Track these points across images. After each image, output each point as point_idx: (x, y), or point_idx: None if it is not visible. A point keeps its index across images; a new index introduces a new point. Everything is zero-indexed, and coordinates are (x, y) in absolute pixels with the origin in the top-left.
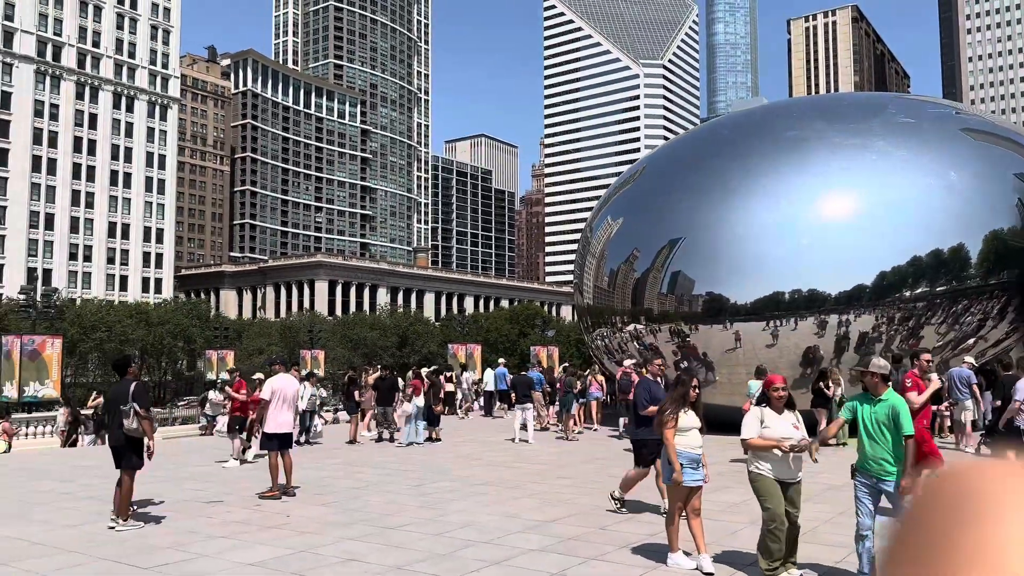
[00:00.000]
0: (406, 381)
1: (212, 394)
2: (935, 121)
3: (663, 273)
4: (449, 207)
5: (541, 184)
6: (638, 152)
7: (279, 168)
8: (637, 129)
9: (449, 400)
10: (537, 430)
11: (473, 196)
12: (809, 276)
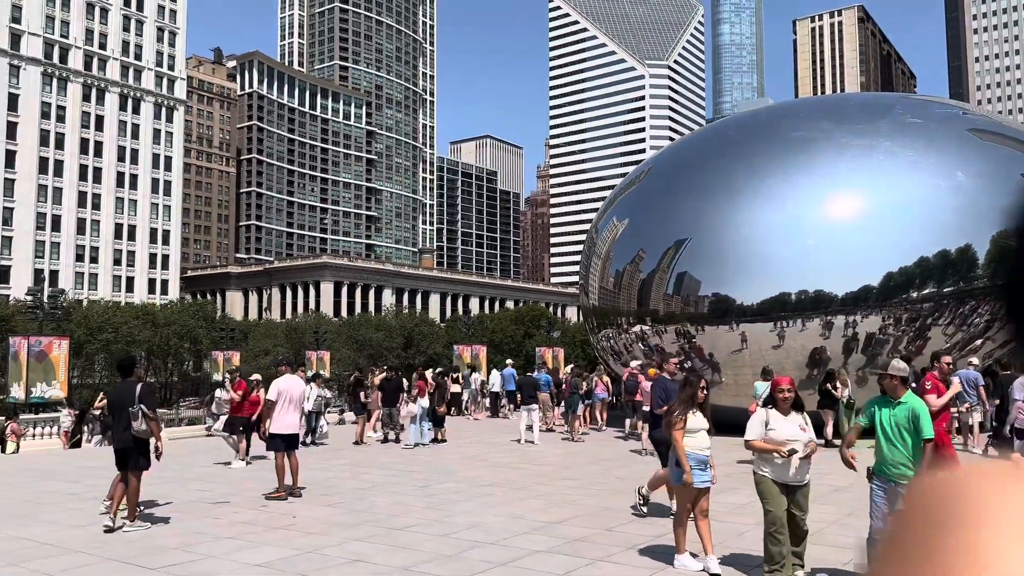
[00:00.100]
0: (411, 382)
1: (220, 392)
2: (942, 121)
3: (669, 274)
4: (454, 208)
5: (546, 185)
6: (643, 153)
7: (285, 169)
8: (642, 130)
9: (455, 401)
10: (542, 431)
11: (478, 197)
12: (816, 277)
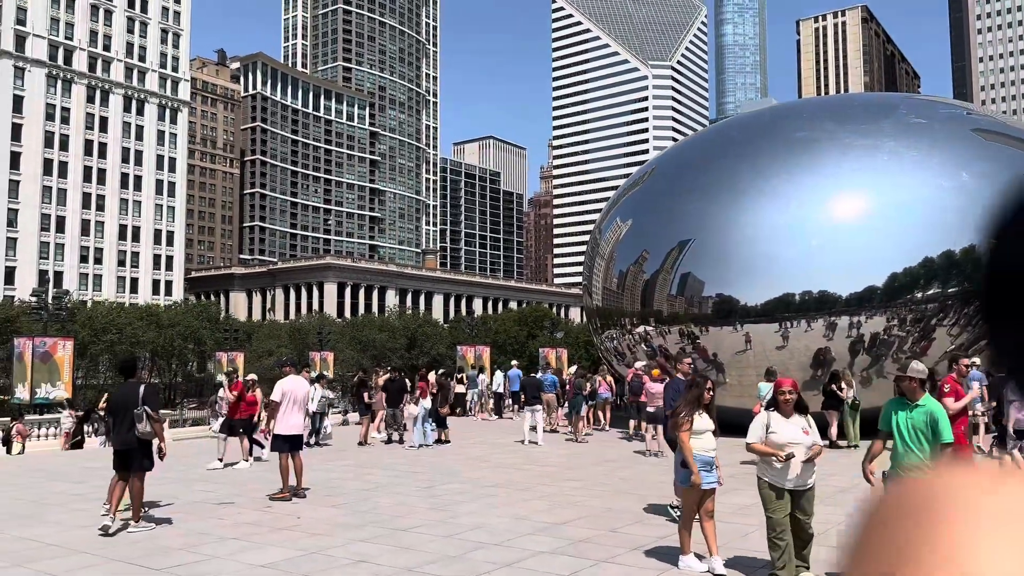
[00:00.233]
0: (414, 383)
1: (222, 393)
2: (946, 122)
3: (673, 275)
4: (457, 209)
5: (549, 186)
6: (647, 154)
7: (288, 171)
8: (646, 131)
9: (459, 401)
10: (546, 432)
11: (481, 198)
12: (820, 277)
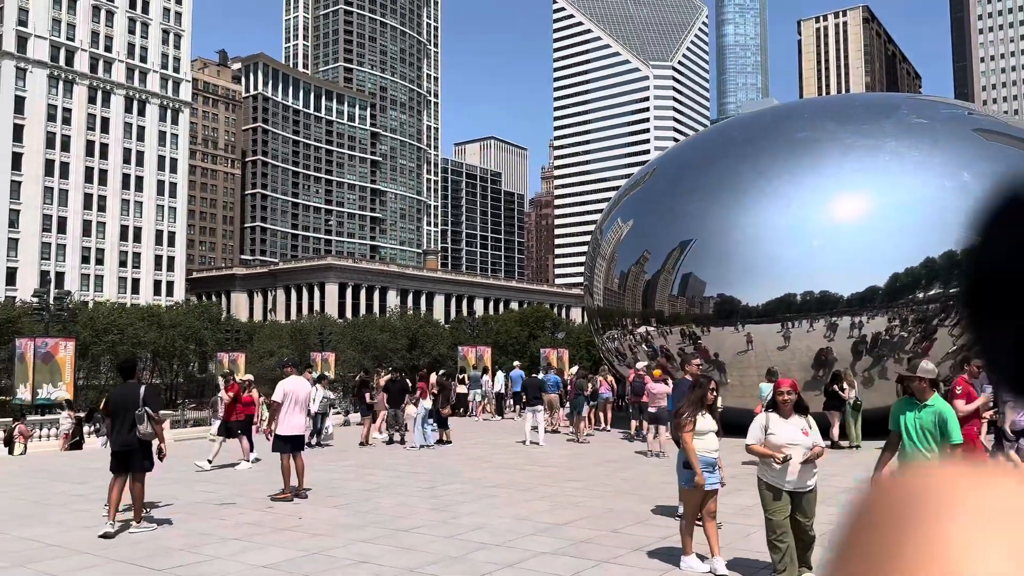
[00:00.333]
0: (414, 384)
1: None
2: (948, 122)
3: (674, 275)
4: (458, 209)
5: (550, 186)
6: (648, 154)
7: (289, 171)
8: (647, 131)
9: (460, 401)
10: (548, 432)
11: (483, 198)
12: (821, 278)
